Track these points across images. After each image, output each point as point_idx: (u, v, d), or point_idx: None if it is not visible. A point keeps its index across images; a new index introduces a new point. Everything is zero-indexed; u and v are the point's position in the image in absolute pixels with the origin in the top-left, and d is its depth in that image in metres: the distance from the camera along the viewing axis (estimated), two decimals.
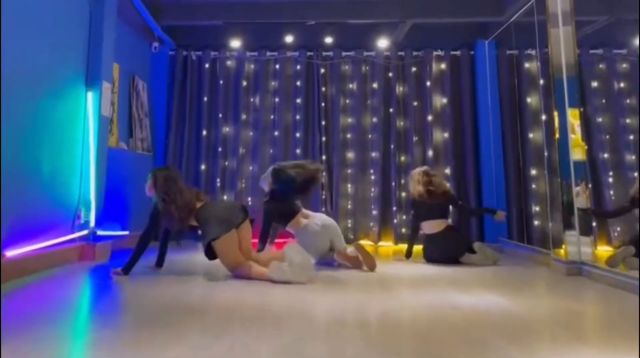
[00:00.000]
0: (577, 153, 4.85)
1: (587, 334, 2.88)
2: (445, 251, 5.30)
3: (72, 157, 4.98)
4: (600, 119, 6.77)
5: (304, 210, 5.25)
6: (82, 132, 5.13)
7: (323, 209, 6.98)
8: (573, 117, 4.92)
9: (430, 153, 7.13)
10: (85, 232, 4.99)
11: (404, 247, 6.02)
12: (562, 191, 4.88)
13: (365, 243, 6.85)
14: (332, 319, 3.02)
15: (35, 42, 4.32)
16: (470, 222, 6.88)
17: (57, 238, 4.63)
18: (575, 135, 4.90)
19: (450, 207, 5.72)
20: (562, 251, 4.79)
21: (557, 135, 4.95)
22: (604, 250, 5.94)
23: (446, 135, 7.19)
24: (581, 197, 4.78)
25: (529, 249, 5.90)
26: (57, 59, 4.73)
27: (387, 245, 7.00)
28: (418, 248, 5.59)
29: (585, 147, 5.04)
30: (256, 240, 4.94)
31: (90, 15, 5.30)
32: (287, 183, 5.10)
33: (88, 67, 5.25)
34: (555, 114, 4.98)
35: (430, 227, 5.47)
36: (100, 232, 5.14)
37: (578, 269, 4.55)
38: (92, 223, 5.06)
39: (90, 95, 5.21)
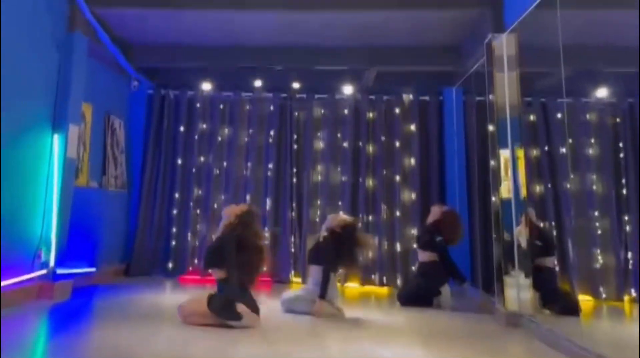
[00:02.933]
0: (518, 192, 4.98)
1: None
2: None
3: (35, 199, 5.17)
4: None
5: None
6: (47, 173, 5.33)
7: (292, 250, 7.19)
8: (517, 156, 5.06)
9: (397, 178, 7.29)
10: (44, 271, 5.16)
11: (370, 288, 6.31)
12: (501, 232, 5.01)
13: None
14: None
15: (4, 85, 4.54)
16: None
17: (15, 278, 4.79)
18: (519, 173, 5.03)
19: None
20: (503, 300, 4.89)
21: (500, 175, 5.11)
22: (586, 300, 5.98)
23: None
24: (522, 237, 4.89)
25: (484, 296, 5.98)
26: (22, 103, 4.94)
27: (353, 286, 7.09)
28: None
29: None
30: None
31: (59, 59, 5.53)
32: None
33: (55, 110, 5.47)
34: (498, 153, 5.16)
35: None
36: (60, 271, 5.29)
37: (516, 320, 4.65)
38: (52, 262, 5.22)
39: (56, 138, 5.42)
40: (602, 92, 6.69)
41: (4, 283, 4.61)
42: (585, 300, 6.04)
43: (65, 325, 4.22)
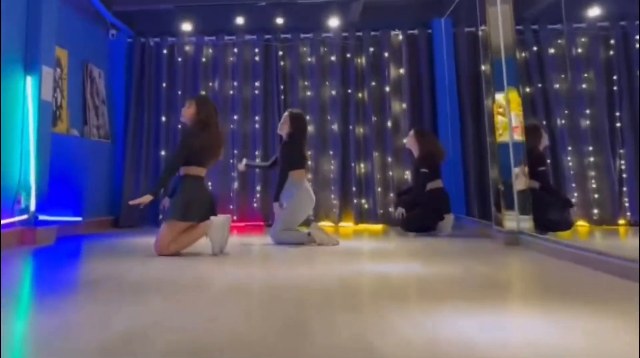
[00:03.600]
0: (515, 134, 4.79)
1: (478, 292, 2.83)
2: None
3: (11, 142, 4.95)
4: (558, 92, 6.74)
5: None
6: (22, 117, 5.10)
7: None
8: (511, 98, 4.86)
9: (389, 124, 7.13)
10: (25, 216, 4.97)
11: (365, 227, 6.35)
12: (500, 173, 4.85)
13: (326, 224, 6.88)
14: (230, 288, 2.99)
15: None
16: None
17: None
18: (514, 114, 4.84)
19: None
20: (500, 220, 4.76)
21: (494, 118, 4.92)
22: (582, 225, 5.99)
23: (404, 105, 7.14)
24: (520, 179, 4.72)
25: (481, 224, 5.86)
26: None
27: (347, 225, 6.96)
28: None
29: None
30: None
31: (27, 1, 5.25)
32: (304, 127, 5.33)
33: (26, 50, 5.21)
34: (494, 95, 4.96)
35: None
36: (43, 217, 5.11)
37: (515, 238, 4.51)
38: (33, 207, 5.03)
39: (29, 80, 5.17)
40: (594, 12, 6.46)
41: None
42: (580, 225, 6.01)
43: (51, 264, 4.05)
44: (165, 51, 7.41)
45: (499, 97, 4.90)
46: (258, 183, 7.09)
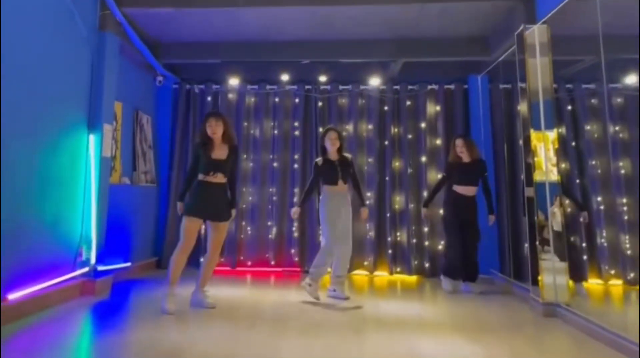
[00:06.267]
0: (550, 173, 5.05)
1: None
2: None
3: (75, 199, 5.28)
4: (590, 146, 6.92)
5: None
6: (84, 173, 5.43)
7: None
8: (547, 139, 5.14)
9: (424, 172, 7.34)
10: (86, 269, 5.28)
11: (399, 277, 6.47)
12: (536, 213, 5.06)
13: (360, 273, 7.12)
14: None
15: (37, 90, 4.62)
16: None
17: (58, 278, 4.92)
18: (550, 155, 5.10)
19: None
20: (538, 290, 4.95)
21: (532, 157, 5.17)
22: (595, 283, 6.07)
23: (442, 155, 7.37)
24: (557, 217, 4.93)
25: (517, 286, 6.02)
26: (59, 106, 5.02)
27: (382, 274, 7.19)
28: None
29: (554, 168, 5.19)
30: None
31: (92, 60, 5.60)
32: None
33: (90, 110, 5.56)
34: (531, 135, 5.23)
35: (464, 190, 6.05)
36: (100, 268, 5.42)
37: (553, 310, 4.72)
38: (93, 260, 5.35)
39: (92, 138, 5.51)
40: (631, 79, 6.66)
41: (49, 283, 4.75)
42: (615, 284, 6.09)
43: (110, 323, 4.34)
44: (209, 98, 7.74)
45: (537, 134, 5.16)
46: (296, 230, 7.34)
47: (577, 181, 6.35)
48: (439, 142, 7.46)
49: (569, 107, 7.17)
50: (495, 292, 6.02)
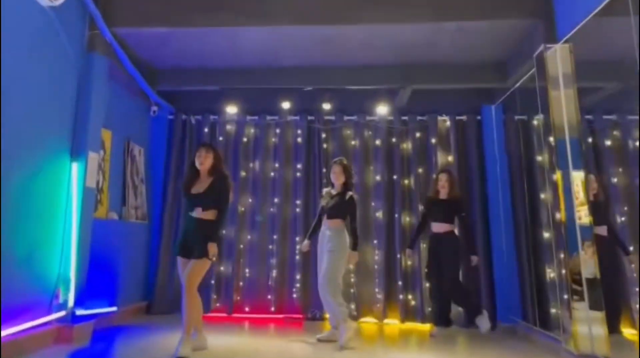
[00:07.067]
0: (582, 216, 4.51)
1: None
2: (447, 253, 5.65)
3: (53, 232, 4.73)
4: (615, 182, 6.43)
5: None
6: (65, 204, 4.90)
7: None
8: (576, 179, 4.63)
9: None
10: (62, 313, 4.69)
11: (411, 326, 6.10)
12: (566, 260, 4.52)
13: (370, 320, 6.52)
14: None
15: (16, 111, 4.14)
16: (480, 295, 6.43)
17: (30, 322, 4.32)
18: (579, 197, 4.60)
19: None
20: (572, 340, 4.36)
21: (559, 198, 4.66)
22: (629, 333, 5.49)
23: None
24: (589, 265, 4.39)
25: (543, 335, 5.41)
26: (39, 130, 4.54)
27: (393, 322, 6.55)
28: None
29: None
30: None
31: (78, 82, 5.15)
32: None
33: (74, 136, 5.07)
34: (557, 176, 4.72)
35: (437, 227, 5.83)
36: (79, 312, 4.82)
37: None
38: (71, 302, 4.75)
39: (75, 166, 5.00)
40: None
41: (19, 328, 4.16)
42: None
43: None
44: (206, 129, 7.27)
45: (564, 175, 4.67)
46: (298, 272, 6.75)
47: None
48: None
49: (590, 139, 6.73)
50: (517, 339, 5.41)
